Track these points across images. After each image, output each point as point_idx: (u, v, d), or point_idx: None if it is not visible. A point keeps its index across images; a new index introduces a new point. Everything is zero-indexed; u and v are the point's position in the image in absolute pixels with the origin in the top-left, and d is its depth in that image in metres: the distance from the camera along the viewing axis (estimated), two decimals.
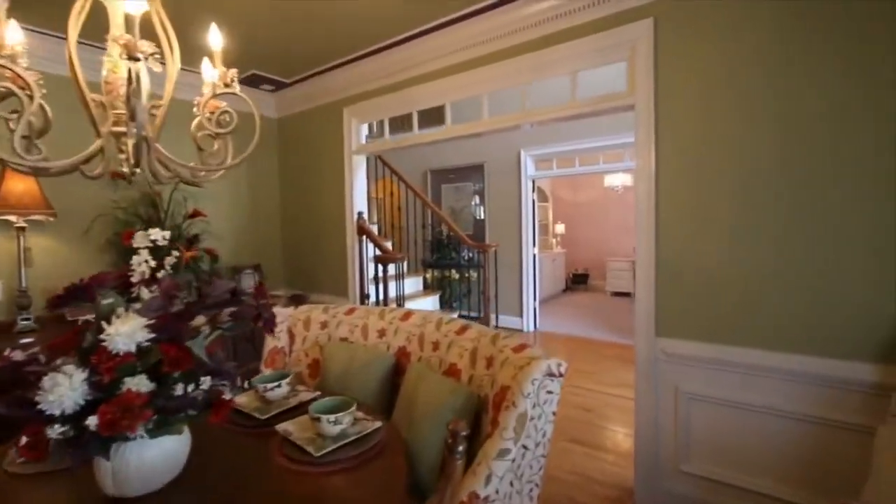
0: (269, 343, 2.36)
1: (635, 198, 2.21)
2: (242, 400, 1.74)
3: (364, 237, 3.44)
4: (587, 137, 5.14)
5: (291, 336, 2.39)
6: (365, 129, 3.57)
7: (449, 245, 5.95)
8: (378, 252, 3.27)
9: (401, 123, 3.48)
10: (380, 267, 3.39)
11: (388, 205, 6.02)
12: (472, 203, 6.23)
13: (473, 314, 5.77)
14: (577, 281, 9.05)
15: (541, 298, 7.78)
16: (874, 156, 1.68)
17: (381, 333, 2.22)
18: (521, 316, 5.81)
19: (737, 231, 1.95)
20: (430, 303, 4.54)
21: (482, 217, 6.11)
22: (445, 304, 5.74)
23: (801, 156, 1.81)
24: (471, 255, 5.99)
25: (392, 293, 3.63)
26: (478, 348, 1.76)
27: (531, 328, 5.78)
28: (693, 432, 2.10)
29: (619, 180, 7.31)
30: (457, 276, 5.82)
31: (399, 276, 3.31)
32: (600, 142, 5.05)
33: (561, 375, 1.37)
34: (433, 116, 3.15)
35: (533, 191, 5.80)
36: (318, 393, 1.81)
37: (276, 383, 1.70)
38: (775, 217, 1.87)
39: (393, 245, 5.41)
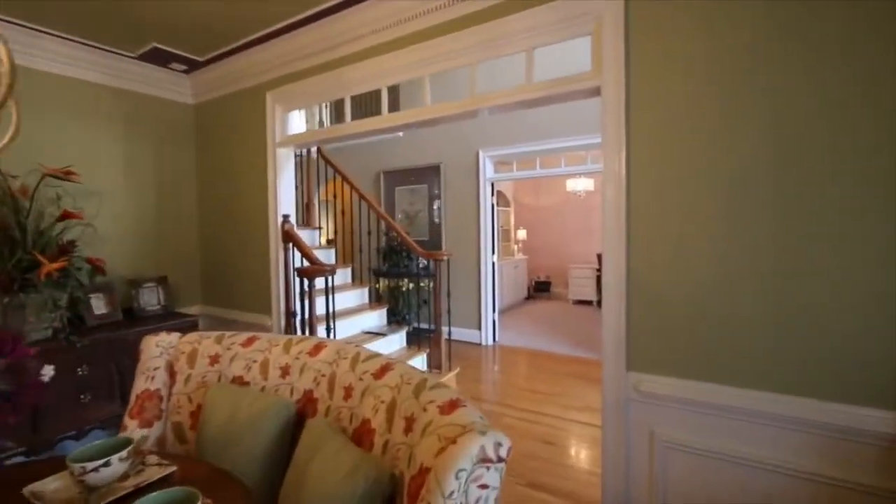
0: (140, 384, 1.81)
1: (602, 205, 1.82)
2: (54, 486, 1.21)
3: (291, 245, 2.92)
4: (549, 138, 4.82)
5: (172, 374, 1.84)
6: (297, 119, 3.05)
7: (402, 252, 5.48)
8: (305, 263, 2.76)
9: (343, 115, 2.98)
10: (315, 282, 2.87)
11: (337, 209, 5.50)
12: (429, 207, 5.79)
13: (429, 327, 5.32)
14: (540, 289, 8.77)
15: (502, 307, 7.42)
16: (888, 156, 1.36)
17: (285, 371, 1.72)
18: (480, 329, 5.40)
19: (724, 245, 1.59)
20: (377, 317, 4.04)
21: (439, 222, 5.68)
22: (395, 318, 5.26)
23: (800, 155, 1.47)
24: (426, 262, 5.54)
25: (334, 308, 3.11)
26: (397, 401, 1.30)
27: (490, 342, 5.38)
28: (671, 487, 1.71)
29: (581, 185, 7.07)
30: (410, 285, 5.37)
31: (329, 291, 2.80)
32: (562, 143, 4.73)
33: (501, 460, 0.93)
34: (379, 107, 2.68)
35: (492, 194, 5.42)
36: (174, 469, 1.29)
37: (101, 461, 1.17)
38: (770, 229, 1.52)
39: (337, 253, 4.89)
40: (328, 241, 4.51)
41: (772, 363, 1.52)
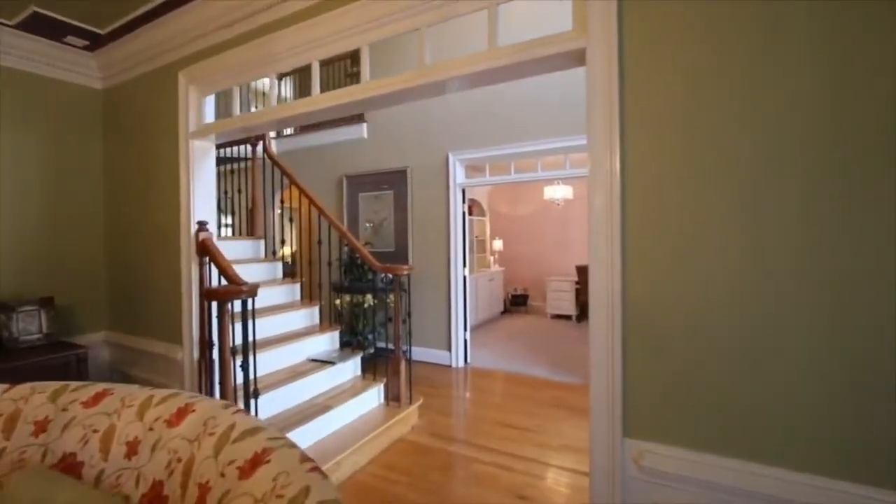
0: None
1: (589, 215, 1.37)
2: None
3: (208, 259, 2.37)
4: (524, 141, 4.39)
5: None
6: (211, 106, 2.51)
7: (363, 265, 4.94)
8: (224, 281, 2.21)
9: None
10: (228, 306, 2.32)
11: (299, 216, 4.93)
12: (395, 215, 5.28)
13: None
14: (517, 302, 8.33)
15: (477, 323, 6.94)
16: None
17: (132, 449, 1.18)
18: (450, 349, 4.89)
19: (749, 268, 1.14)
20: (327, 341, 3.50)
21: (406, 231, 5.18)
22: (355, 340, 4.71)
23: (848, 141, 1.04)
24: (391, 276, 5.02)
25: (254, 339, 2.55)
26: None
27: (461, 364, 4.87)
28: None
29: (559, 193, 6.69)
30: (373, 301, 4.83)
31: (247, 317, 2.23)
32: (539, 145, 4.31)
33: None
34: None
35: (463, 202, 4.96)
36: None
37: None
38: (811, 247, 1.07)
39: (288, 266, 4.32)
40: (274, 254, 3.94)
41: (817, 431, 1.07)
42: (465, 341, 4.94)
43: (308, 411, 2.77)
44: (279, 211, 6.03)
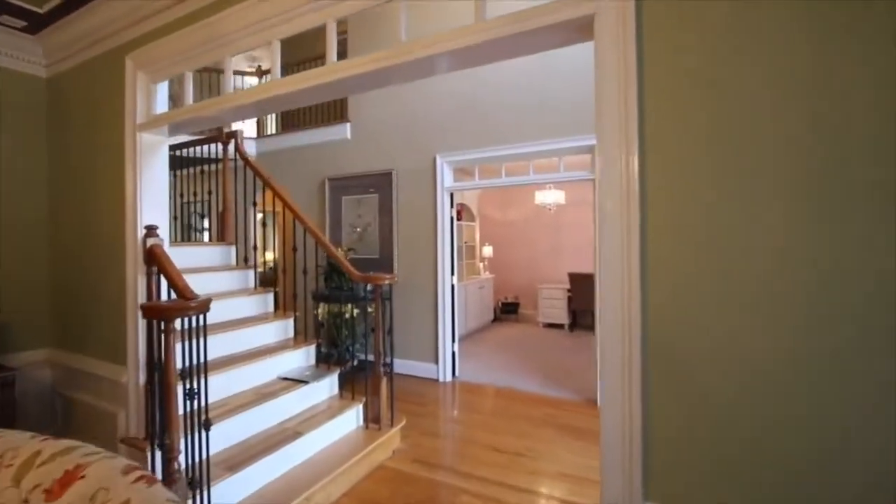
0: None
1: (599, 222, 1.14)
2: None
3: (156, 268, 2.07)
4: (516, 142, 4.17)
5: None
6: (164, 95, 2.23)
7: (344, 273, 4.65)
8: (174, 295, 1.92)
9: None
10: (174, 324, 2.02)
11: (280, 221, 4.64)
12: (379, 220, 5.01)
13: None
14: (507, 310, 8.08)
15: (467, 332, 6.67)
16: None
17: None
18: (437, 362, 4.62)
19: (820, 290, 0.90)
20: (301, 357, 3.20)
21: (391, 238, 4.90)
22: (333, 354, 4.41)
23: None
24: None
25: (205, 360, 2.26)
26: None
27: (449, 377, 4.60)
28: None
29: (551, 198, 6.47)
30: (356, 311, 4.54)
31: (196, 336, 1.91)
32: (532, 146, 4.09)
33: None
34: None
35: (452, 206, 4.71)
36: None
37: None
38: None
39: (268, 274, 4.02)
40: (246, 261, 3.64)
41: None
42: (454, 354, 4.67)
43: (276, 438, 2.47)
44: (260, 215, 5.72)
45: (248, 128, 6.55)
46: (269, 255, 7.65)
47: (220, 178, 3.75)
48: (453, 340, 4.67)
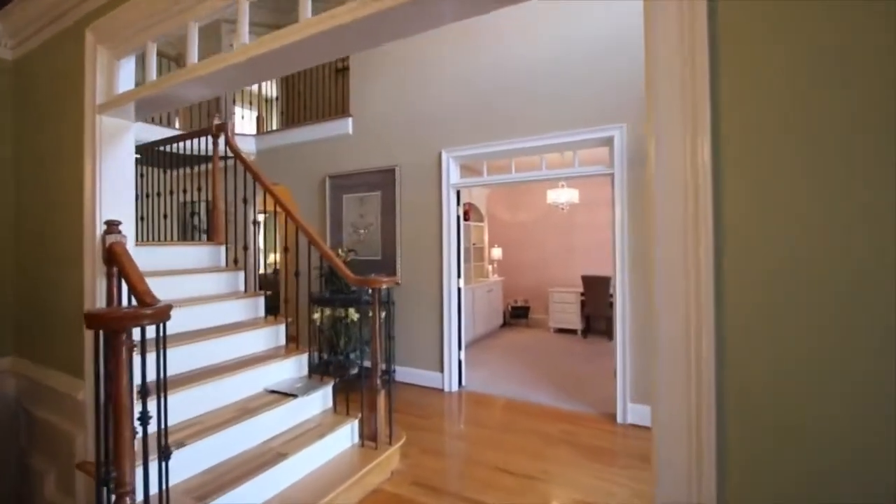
0: None
1: (658, 226, 0.84)
2: None
3: (117, 269, 1.81)
4: (527, 135, 3.87)
5: None
6: (130, 72, 1.97)
7: None
8: (133, 300, 1.66)
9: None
10: (124, 336, 1.74)
11: (282, 223, 4.39)
12: (382, 220, 4.74)
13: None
14: (517, 315, 7.76)
15: (474, 338, 6.37)
16: None
17: None
18: (442, 371, 4.33)
19: None
20: (292, 367, 2.93)
21: (394, 238, 4.63)
22: (335, 360, 4.16)
23: None
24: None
25: (165, 377, 1.99)
26: None
27: (455, 387, 4.30)
28: None
29: (564, 196, 6.15)
30: (356, 315, 4.27)
31: (147, 349, 1.62)
32: (544, 140, 3.79)
33: None
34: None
35: (458, 204, 4.42)
36: None
37: None
38: None
39: (268, 274, 3.77)
40: (236, 262, 3.39)
41: None
42: (460, 362, 4.37)
43: (257, 460, 2.20)
44: (262, 217, 5.52)
45: (247, 125, 6.35)
46: (274, 257, 7.43)
47: (213, 175, 3.51)
48: (460, 348, 4.37)
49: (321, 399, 2.82)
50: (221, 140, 3.38)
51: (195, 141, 3.53)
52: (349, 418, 2.74)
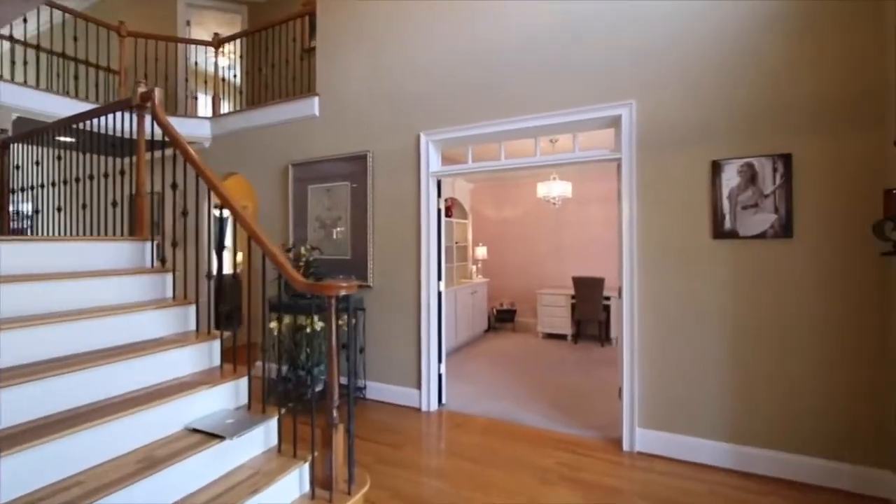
0: None
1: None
2: None
3: None
4: (520, 114, 3.33)
5: None
6: None
7: (314, 274, 3.79)
8: None
9: None
10: None
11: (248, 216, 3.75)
12: (351, 214, 4.14)
13: (346, 382, 3.67)
14: (503, 318, 7.24)
15: (457, 344, 5.81)
16: None
17: None
18: (420, 387, 3.75)
19: None
20: (226, 396, 2.32)
21: (366, 235, 4.04)
22: (295, 377, 3.56)
23: None
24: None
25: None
26: None
27: (434, 406, 3.74)
28: None
29: (556, 190, 5.64)
30: (320, 324, 3.66)
31: None
32: (537, 120, 3.26)
33: None
34: None
35: (439, 196, 3.86)
36: None
37: None
38: None
39: (225, 277, 3.13)
40: (164, 262, 2.75)
41: None
42: (440, 377, 3.81)
43: None
44: (216, 212, 4.86)
45: (201, 108, 5.66)
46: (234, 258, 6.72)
47: (138, 155, 2.85)
48: (440, 360, 3.81)
49: (262, 436, 2.22)
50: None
51: (119, 118, 2.87)
52: (297, 461, 2.15)
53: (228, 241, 7.83)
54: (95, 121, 3.03)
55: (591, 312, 5.97)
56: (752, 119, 2.65)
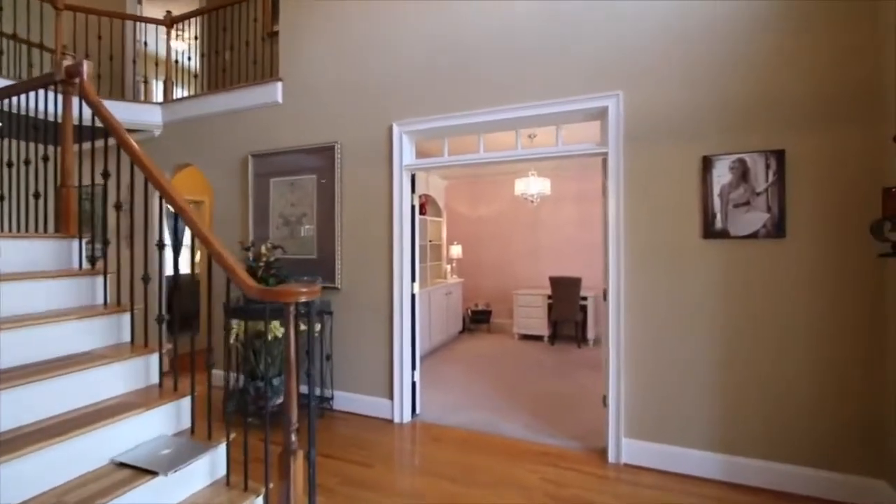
0: None
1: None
2: None
3: None
4: (502, 104, 3.11)
5: None
6: None
7: (268, 277, 3.46)
8: None
9: None
10: None
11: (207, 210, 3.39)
12: (318, 210, 3.83)
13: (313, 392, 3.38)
14: (477, 319, 7.05)
15: (431, 347, 5.57)
16: None
17: None
18: (392, 397, 3.49)
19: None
20: (161, 420, 1.99)
21: (334, 233, 3.73)
22: (253, 388, 3.24)
23: None
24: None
25: None
26: None
27: (407, 417, 3.48)
28: None
29: (535, 187, 5.47)
30: (281, 330, 3.34)
31: None
32: (524, 110, 3.05)
33: None
34: None
35: (413, 192, 3.60)
36: None
37: None
38: None
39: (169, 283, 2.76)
40: (93, 263, 2.39)
41: None
42: (414, 385, 3.56)
43: None
44: (170, 206, 4.44)
45: (154, 94, 5.19)
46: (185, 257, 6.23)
47: (62, 139, 2.46)
48: (414, 368, 3.55)
49: (207, 467, 1.91)
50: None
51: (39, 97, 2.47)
52: (248, 495, 1.86)
53: (188, 239, 7.30)
54: (15, 100, 2.61)
55: (568, 313, 5.84)
56: (744, 113, 2.52)
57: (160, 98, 4.84)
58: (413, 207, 3.57)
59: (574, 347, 5.92)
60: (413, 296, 3.54)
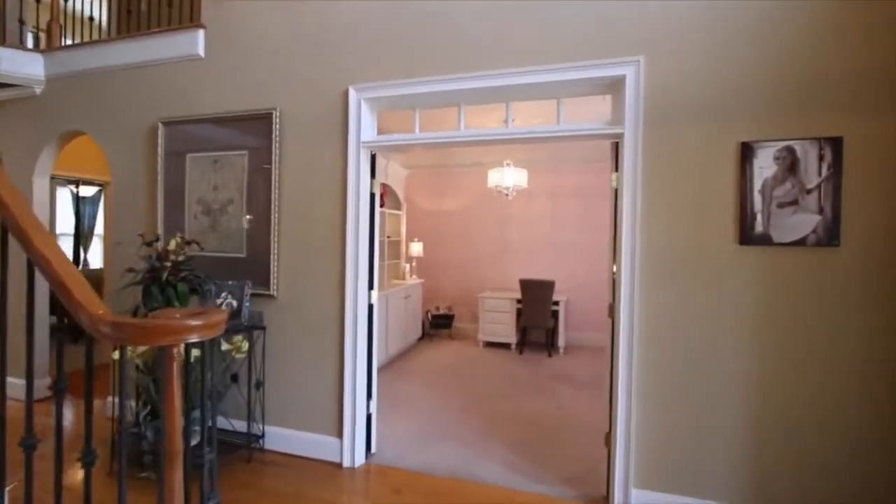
0: None
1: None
2: None
3: None
4: (488, 68, 2.46)
5: None
6: None
7: (175, 284, 2.62)
8: None
9: None
10: None
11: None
12: (247, 195, 3.01)
13: (240, 429, 2.65)
14: (438, 324, 6.40)
15: (388, 358, 4.85)
16: None
17: None
18: (342, 434, 2.76)
19: None
20: None
21: (269, 223, 2.93)
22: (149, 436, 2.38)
23: None
24: (241, 294, 2.75)
25: None
26: None
27: (360, 458, 2.77)
28: None
29: (510, 178, 4.87)
30: (196, 352, 2.51)
31: None
32: (518, 77, 2.41)
33: None
34: None
35: (373, 176, 2.88)
36: None
37: None
38: None
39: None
40: None
41: None
42: (369, 418, 2.85)
43: None
44: (72, 188, 3.47)
45: (27, 39, 4.08)
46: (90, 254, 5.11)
47: None
48: (369, 396, 2.85)
49: None
50: None
51: None
52: None
53: (100, 228, 6.04)
54: None
55: (539, 319, 5.33)
56: (795, 91, 2.03)
57: (42, 45, 3.78)
58: (373, 196, 2.85)
59: (544, 356, 5.42)
60: (370, 307, 2.83)
